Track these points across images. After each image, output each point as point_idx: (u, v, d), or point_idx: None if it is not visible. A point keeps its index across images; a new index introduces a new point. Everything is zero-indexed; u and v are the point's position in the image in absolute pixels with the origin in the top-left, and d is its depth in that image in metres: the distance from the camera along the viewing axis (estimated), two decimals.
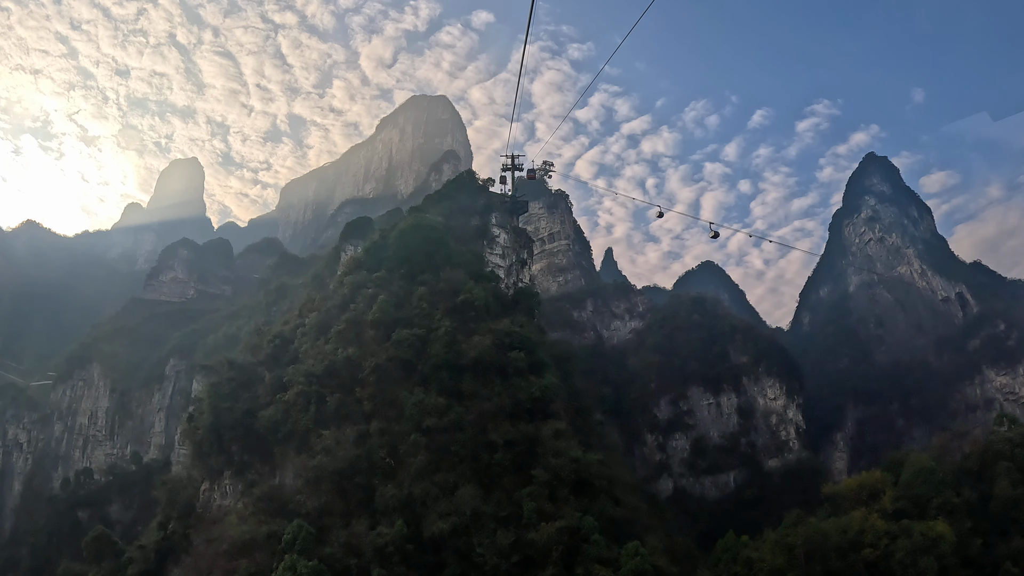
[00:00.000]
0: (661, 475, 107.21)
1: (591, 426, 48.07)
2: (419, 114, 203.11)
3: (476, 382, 41.02)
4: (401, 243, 51.75)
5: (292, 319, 57.09)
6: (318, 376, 45.53)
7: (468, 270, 51.82)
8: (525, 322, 46.60)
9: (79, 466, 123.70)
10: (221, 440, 52.66)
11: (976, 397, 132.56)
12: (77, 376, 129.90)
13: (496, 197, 73.80)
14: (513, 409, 39.66)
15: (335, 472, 39.08)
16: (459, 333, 43.34)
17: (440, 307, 45.57)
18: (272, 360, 53.70)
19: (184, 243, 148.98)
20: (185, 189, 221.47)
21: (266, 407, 49.42)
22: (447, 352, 41.65)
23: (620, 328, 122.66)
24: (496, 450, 37.74)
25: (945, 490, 40.92)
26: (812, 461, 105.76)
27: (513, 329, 43.72)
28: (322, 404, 44.50)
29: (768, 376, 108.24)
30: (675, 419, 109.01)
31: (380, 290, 47.89)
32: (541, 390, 40.01)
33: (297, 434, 46.41)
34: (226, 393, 53.53)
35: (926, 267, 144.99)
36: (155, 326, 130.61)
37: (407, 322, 44.98)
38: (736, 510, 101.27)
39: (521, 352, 42.19)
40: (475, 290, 46.44)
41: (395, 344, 43.16)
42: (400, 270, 50.14)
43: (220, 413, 52.67)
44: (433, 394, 40.34)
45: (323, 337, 48.54)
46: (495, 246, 68.56)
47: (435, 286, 47.67)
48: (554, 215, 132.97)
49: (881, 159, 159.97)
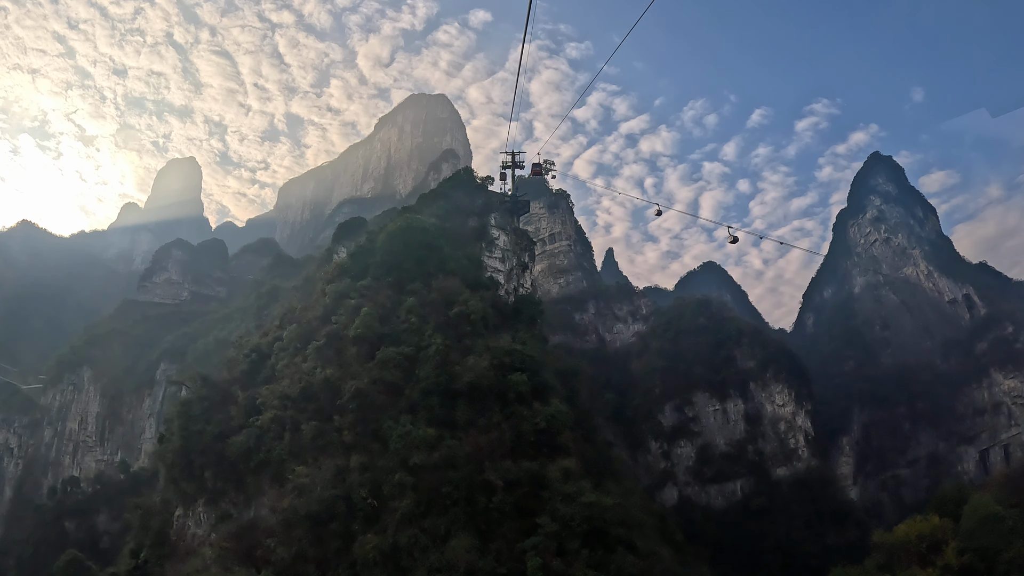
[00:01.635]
0: (666, 484, 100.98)
1: (603, 455, 41.46)
2: (418, 113, 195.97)
3: (472, 410, 34.41)
4: (389, 247, 45.04)
5: (272, 330, 50.45)
6: (293, 399, 38.97)
7: (464, 277, 45.16)
8: (527, 337, 39.87)
9: (69, 472, 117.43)
10: (191, 466, 46.33)
11: (984, 401, 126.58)
12: (67, 380, 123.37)
13: (495, 196, 67.03)
14: (515, 443, 33.09)
15: (309, 516, 32.62)
16: (452, 352, 36.75)
17: (431, 321, 38.97)
18: (248, 376, 47.12)
19: (178, 244, 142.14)
20: (183, 189, 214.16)
21: (239, 431, 43.01)
22: (438, 375, 35.08)
23: (623, 331, 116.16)
24: (495, 492, 31.23)
25: (1016, 541, 34.46)
26: (822, 470, 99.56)
27: (514, 347, 37.06)
28: (297, 432, 38.03)
29: (776, 382, 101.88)
30: (680, 426, 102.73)
31: (364, 300, 41.28)
32: (547, 420, 33.40)
33: (271, 464, 39.96)
34: (197, 414, 47.07)
35: (932, 268, 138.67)
36: (147, 329, 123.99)
37: (394, 338, 38.40)
38: (743, 520, 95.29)
39: (523, 375, 35.55)
40: (471, 301, 39.76)
41: (379, 364, 36.57)
42: (387, 278, 43.48)
43: (190, 437, 46.30)
44: (422, 424, 33.79)
45: (301, 353, 41.90)
46: (494, 249, 61.84)
47: (426, 296, 41.03)
48: (555, 215, 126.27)
49: (886, 158, 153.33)
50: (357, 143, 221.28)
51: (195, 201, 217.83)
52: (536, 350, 40.21)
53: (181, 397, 51.49)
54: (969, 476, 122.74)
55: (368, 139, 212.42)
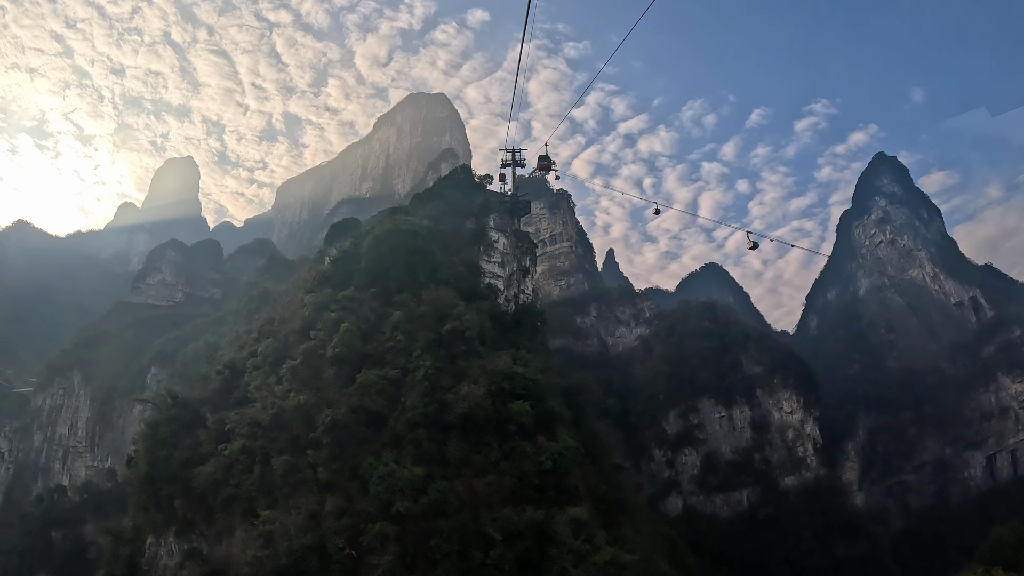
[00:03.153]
0: (670, 493, 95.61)
1: (615, 488, 35.72)
2: (417, 112, 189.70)
3: (466, 446, 28.73)
4: (375, 254, 39.22)
5: (248, 343, 44.68)
6: (264, 427, 33.28)
7: (458, 286, 39.38)
8: (529, 356, 34.03)
9: (59, 478, 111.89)
10: (157, 495, 40.77)
11: (991, 405, 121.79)
12: (58, 384, 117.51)
13: (495, 196, 61.20)
14: (516, 486, 27.45)
15: (277, 572, 27.03)
16: (444, 375, 31.06)
17: (420, 339, 33.25)
18: (220, 396, 41.38)
19: (172, 244, 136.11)
20: (180, 188, 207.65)
21: (207, 459, 37.42)
22: (427, 404, 29.41)
23: (625, 335, 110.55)
24: (492, 545, 25.64)
25: None
26: (831, 479, 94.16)
27: (515, 370, 31.27)
28: (268, 465, 32.38)
29: (784, 388, 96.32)
30: (685, 433, 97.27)
31: (345, 314, 35.55)
32: (554, 459, 27.71)
33: (241, 499, 34.38)
34: (164, 437, 41.40)
35: (938, 270, 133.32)
36: (139, 331, 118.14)
37: (377, 359, 32.74)
38: (750, 531, 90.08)
39: (525, 403, 29.86)
40: (466, 316, 33.96)
41: (360, 390, 30.89)
42: (372, 288, 37.66)
43: (156, 463, 40.67)
44: (407, 463, 28.14)
45: (276, 373, 36.17)
46: (493, 252, 56.04)
47: (415, 310, 35.25)
48: (556, 216, 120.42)
49: (890, 159, 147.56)
50: (356, 143, 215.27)
51: (193, 201, 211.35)
52: (539, 370, 34.41)
53: (148, 418, 45.74)
54: (976, 482, 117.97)
55: (367, 139, 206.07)
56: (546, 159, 37.51)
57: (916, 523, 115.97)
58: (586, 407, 41.66)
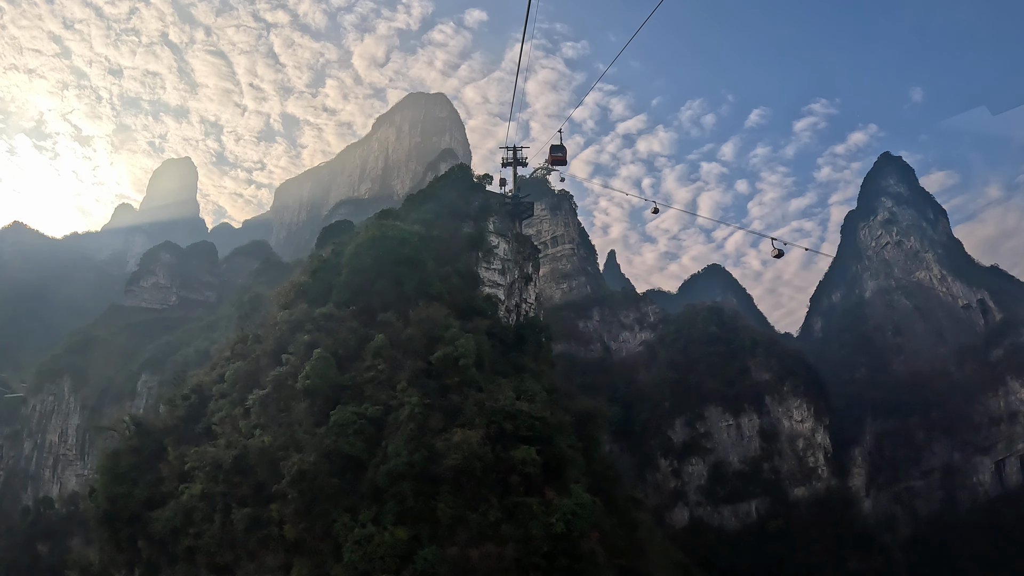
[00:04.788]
0: (676, 504, 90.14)
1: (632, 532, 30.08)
2: (416, 112, 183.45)
3: (459, 502, 23.00)
4: (356, 264, 33.41)
5: (220, 363, 38.93)
6: (226, 471, 27.59)
7: (453, 301, 33.62)
8: (537, 389, 28.01)
9: (49, 487, 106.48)
10: (117, 537, 35.22)
11: (1000, 410, 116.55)
12: (47, 390, 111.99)
13: (495, 198, 55.41)
14: (521, 553, 21.78)
15: None
16: (434, 414, 25.33)
17: (406, 367, 27.51)
18: (185, 425, 35.67)
19: (166, 246, 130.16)
20: (178, 189, 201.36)
21: (169, 500, 31.83)
22: (413, 451, 23.71)
23: (629, 340, 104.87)
24: None
25: None
26: (843, 490, 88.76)
27: (518, 407, 25.44)
28: (230, 516, 26.75)
29: (794, 396, 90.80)
30: (691, 442, 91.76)
31: (322, 336, 29.80)
32: (566, 521, 22.04)
33: (202, 551, 28.79)
34: (124, 471, 35.81)
35: (946, 272, 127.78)
36: (131, 336, 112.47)
37: (356, 391, 27.03)
38: (759, 543, 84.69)
39: (531, 447, 24.15)
40: (460, 340, 28.13)
41: (334, 430, 25.16)
42: (352, 305, 31.89)
43: (116, 499, 35.07)
44: (389, 522, 22.50)
45: (242, 404, 30.44)
46: (493, 259, 50.30)
47: (400, 332, 29.46)
48: (557, 217, 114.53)
49: (896, 159, 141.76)
50: (354, 143, 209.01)
51: (191, 202, 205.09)
52: (546, 400, 28.62)
53: (108, 448, 40.09)
54: (984, 488, 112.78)
55: (366, 139, 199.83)
56: (560, 149, 30.73)
57: (924, 530, 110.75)
58: (597, 436, 35.96)
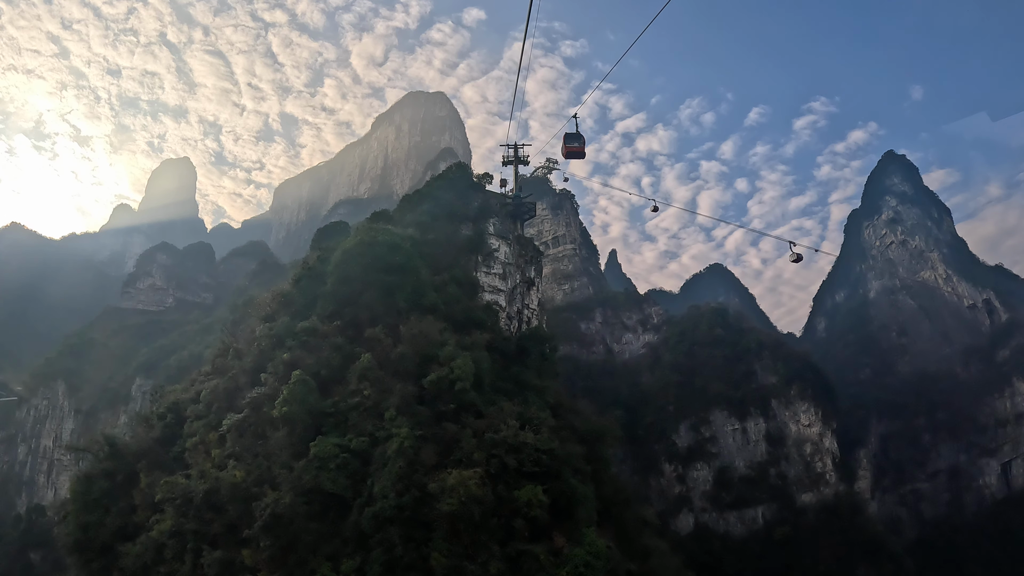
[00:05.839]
0: (681, 510, 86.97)
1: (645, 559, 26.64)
2: (416, 111, 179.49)
3: (455, 551, 19.52)
4: (342, 273, 29.84)
5: (199, 378, 35.47)
6: (196, 506, 24.18)
7: (449, 312, 30.15)
8: (543, 417, 24.25)
9: (43, 492, 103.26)
10: (89, 567, 31.89)
11: (1006, 411, 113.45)
12: (42, 394, 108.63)
13: (495, 198, 51.93)
14: None
15: None
16: (426, 448, 21.87)
17: (395, 392, 23.96)
18: (160, 447, 32.24)
19: (163, 247, 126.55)
20: (177, 189, 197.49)
21: (140, 532, 28.45)
22: (402, 493, 20.28)
23: (632, 342, 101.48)
24: None
25: None
26: (851, 496, 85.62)
27: (522, 439, 21.84)
28: (200, 558, 23.39)
29: (801, 400, 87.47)
30: (696, 446, 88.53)
31: (303, 354, 26.30)
32: (579, 574, 18.64)
33: None
34: (96, 497, 32.45)
35: (951, 272, 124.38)
36: (126, 339, 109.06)
37: (338, 419, 23.58)
38: (765, 551, 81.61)
39: (537, 485, 20.69)
40: (457, 360, 24.57)
41: (313, 465, 21.71)
42: (338, 319, 28.30)
43: (87, 528, 31.77)
44: (376, 572, 19.07)
45: (216, 429, 26.99)
46: (493, 263, 46.84)
47: (389, 350, 25.91)
48: (558, 217, 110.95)
49: (900, 157, 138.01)
50: (354, 142, 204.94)
51: (190, 202, 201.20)
52: (552, 421, 25.14)
53: (79, 471, 36.69)
54: (991, 490, 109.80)
55: (365, 138, 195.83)
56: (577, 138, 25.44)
57: (930, 533, 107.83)
58: (606, 455, 32.56)
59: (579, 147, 24.40)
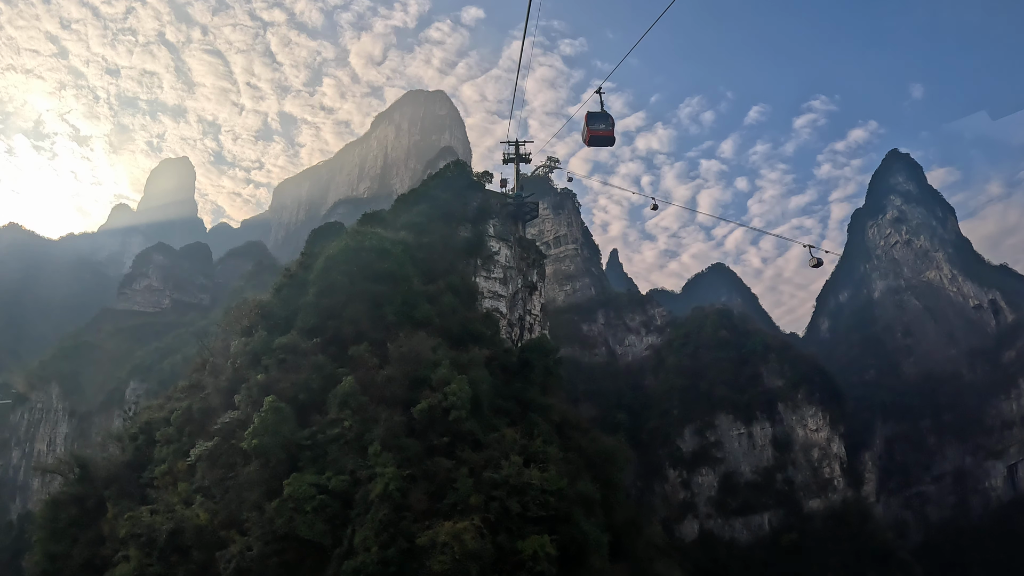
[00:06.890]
0: (685, 516, 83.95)
1: None
2: (415, 110, 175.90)
3: None
4: (326, 282, 26.54)
5: (175, 394, 32.26)
6: (160, 547, 21.05)
7: (445, 325, 26.90)
8: (550, 451, 20.95)
9: (37, 498, 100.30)
10: None
11: (1012, 413, 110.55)
12: (35, 398, 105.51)
13: (495, 198, 48.71)
14: None
15: None
16: (415, 489, 18.71)
17: (381, 422, 20.74)
18: (130, 472, 29.13)
19: (159, 248, 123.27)
20: (176, 189, 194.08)
21: (107, 568, 25.37)
22: (387, 545, 17.10)
23: (635, 344, 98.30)
24: None
25: None
26: (860, 503, 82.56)
27: (527, 479, 18.61)
28: None
29: (809, 404, 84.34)
30: (701, 451, 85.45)
31: (280, 374, 23.10)
32: None
33: None
34: (63, 527, 29.45)
35: (956, 272, 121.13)
36: (121, 341, 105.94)
37: (316, 452, 20.41)
38: (772, 558, 78.64)
39: (544, 534, 17.47)
40: (451, 387, 21.28)
41: (287, 507, 18.56)
42: (319, 334, 24.99)
43: (54, 559, 28.87)
44: None
45: (184, 458, 23.78)
46: (493, 267, 43.66)
47: (375, 373, 22.63)
48: (560, 216, 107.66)
49: (904, 156, 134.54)
50: (353, 142, 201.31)
51: (189, 202, 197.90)
52: (561, 455, 21.93)
53: (48, 496, 33.61)
54: (997, 493, 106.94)
55: (364, 137, 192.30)
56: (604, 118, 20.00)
57: (936, 536, 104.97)
58: (617, 481, 29.41)
59: (606, 130, 19.43)
